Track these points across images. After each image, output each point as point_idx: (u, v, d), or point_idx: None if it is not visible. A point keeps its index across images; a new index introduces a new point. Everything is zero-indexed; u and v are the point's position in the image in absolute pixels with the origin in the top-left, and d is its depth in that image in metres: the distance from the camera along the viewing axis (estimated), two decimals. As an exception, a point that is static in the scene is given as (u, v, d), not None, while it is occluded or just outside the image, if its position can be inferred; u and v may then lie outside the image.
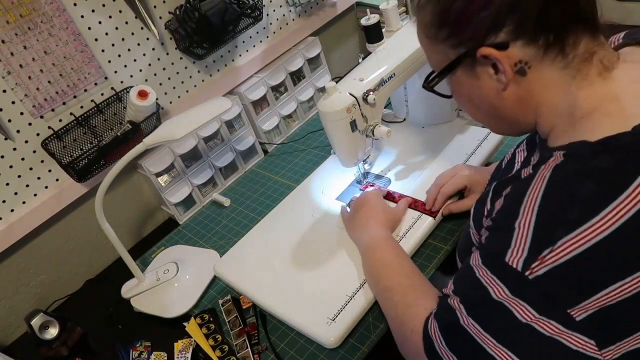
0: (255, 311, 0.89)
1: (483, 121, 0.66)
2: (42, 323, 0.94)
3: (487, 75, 0.56)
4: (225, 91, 1.29)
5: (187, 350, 0.85)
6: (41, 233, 1.07)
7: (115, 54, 1.07)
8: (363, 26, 1.01)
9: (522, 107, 0.57)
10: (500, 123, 0.63)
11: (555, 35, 0.52)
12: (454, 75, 0.60)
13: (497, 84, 0.56)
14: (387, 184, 1.03)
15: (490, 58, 0.54)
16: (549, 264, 0.46)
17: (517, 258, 0.48)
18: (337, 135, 0.92)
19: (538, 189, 0.48)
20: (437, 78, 0.62)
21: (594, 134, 0.48)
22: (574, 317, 0.46)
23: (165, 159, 1.14)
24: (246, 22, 1.19)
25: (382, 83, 0.91)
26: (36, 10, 0.93)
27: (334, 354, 0.78)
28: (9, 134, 0.96)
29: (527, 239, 0.47)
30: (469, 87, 0.60)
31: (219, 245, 1.09)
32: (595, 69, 0.53)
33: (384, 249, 0.81)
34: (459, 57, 0.57)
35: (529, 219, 0.48)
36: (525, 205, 0.48)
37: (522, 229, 0.48)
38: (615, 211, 0.44)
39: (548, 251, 0.46)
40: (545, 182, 0.48)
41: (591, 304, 0.45)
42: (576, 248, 0.44)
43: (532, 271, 0.47)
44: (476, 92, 0.59)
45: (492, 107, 0.59)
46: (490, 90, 0.57)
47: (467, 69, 0.58)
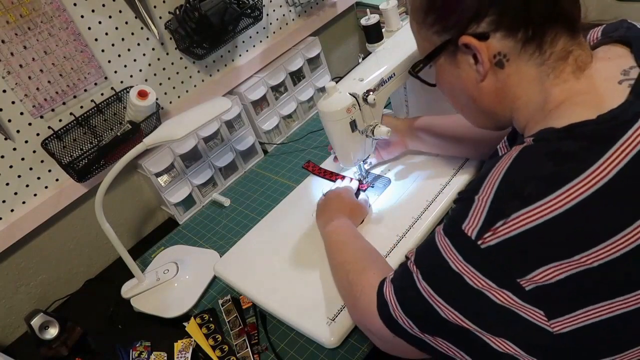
0: (255, 311, 0.89)
1: (463, 112, 0.68)
2: (42, 323, 0.94)
3: (467, 65, 0.58)
4: (225, 91, 1.29)
5: (187, 350, 0.85)
6: (41, 233, 1.07)
7: (115, 54, 1.07)
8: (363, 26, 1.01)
9: (499, 99, 0.59)
10: (478, 115, 0.66)
11: (534, 30, 0.54)
12: (438, 63, 0.62)
13: (476, 74, 0.58)
14: (387, 184, 1.03)
15: (470, 47, 0.56)
16: (500, 235, 0.47)
17: (472, 227, 0.50)
18: (337, 135, 0.92)
19: (503, 166, 0.50)
20: (422, 64, 0.64)
21: (560, 121, 0.51)
22: (524, 286, 0.47)
23: (165, 159, 1.14)
24: (246, 22, 1.19)
25: (382, 83, 0.91)
26: (36, 10, 0.93)
27: (334, 354, 0.78)
28: (9, 134, 0.96)
29: (483, 211, 0.49)
30: (450, 75, 0.62)
31: (219, 245, 1.09)
32: (570, 68, 0.55)
33: (341, 232, 0.85)
34: (443, 44, 0.59)
35: (488, 192, 0.50)
36: (488, 181, 0.51)
37: (481, 200, 0.50)
38: (571, 191, 0.45)
39: (501, 223, 0.47)
40: (511, 160, 0.50)
41: (540, 275, 0.47)
42: (528, 222, 0.46)
43: (485, 241, 0.48)
44: (457, 82, 0.62)
45: (470, 97, 0.62)
46: (469, 81, 0.60)
47: (450, 56, 0.60)
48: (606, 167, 0.45)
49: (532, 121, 0.57)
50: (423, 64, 0.64)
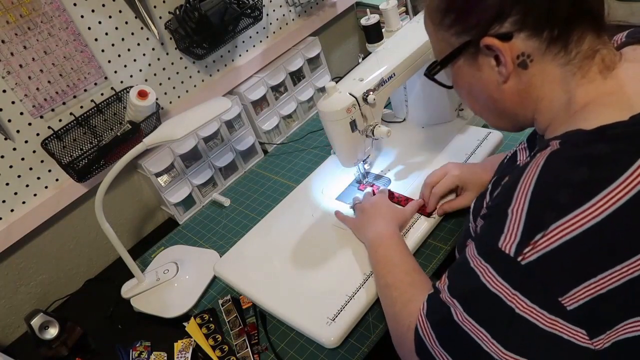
0: (255, 311, 0.89)
1: (482, 114, 0.65)
2: (42, 323, 0.94)
3: (489, 67, 0.56)
4: (225, 91, 1.29)
5: (187, 350, 0.85)
6: (41, 233, 1.07)
7: (115, 54, 1.07)
8: (363, 26, 1.01)
9: (521, 101, 0.57)
10: (498, 117, 0.63)
11: (560, 30, 0.52)
12: (456, 65, 0.60)
13: (497, 76, 0.56)
14: (387, 184, 1.03)
15: (492, 49, 0.53)
16: (541, 249, 0.45)
17: (510, 243, 0.47)
18: (337, 135, 0.92)
19: (532, 174, 0.48)
20: (439, 66, 0.61)
21: (588, 123, 0.48)
22: (566, 306, 0.45)
23: (165, 159, 1.14)
24: (246, 22, 1.19)
25: (382, 83, 0.91)
26: (36, 10, 0.93)
27: (333, 354, 0.78)
28: (9, 134, 0.96)
29: (519, 224, 0.47)
30: (470, 77, 0.59)
31: (219, 245, 1.09)
32: (597, 67, 0.53)
33: (387, 245, 0.80)
34: (462, 46, 0.56)
35: (522, 204, 0.47)
36: (519, 191, 0.48)
37: (515, 214, 0.47)
38: (609, 197, 0.43)
39: (540, 236, 0.45)
40: (539, 168, 0.47)
41: (582, 291, 0.44)
42: (568, 233, 0.44)
43: (525, 257, 0.46)
44: (476, 84, 0.59)
45: (491, 99, 0.59)
46: (490, 82, 0.57)
47: (469, 58, 0.57)
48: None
49: (555, 122, 0.55)
50: (440, 66, 0.61)
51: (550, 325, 0.46)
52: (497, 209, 0.51)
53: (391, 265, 0.76)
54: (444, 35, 0.58)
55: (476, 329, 0.50)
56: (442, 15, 0.57)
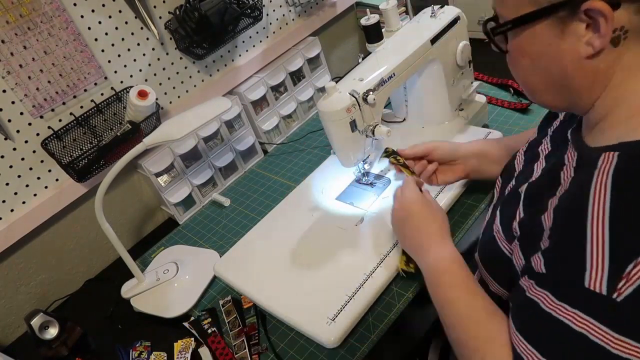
0: (256, 311, 0.89)
1: (535, 88, 0.56)
2: (42, 323, 0.94)
3: (576, 36, 0.48)
4: (225, 91, 1.29)
5: (187, 350, 0.85)
6: (41, 233, 1.07)
7: (115, 54, 1.07)
8: (363, 26, 1.01)
9: (594, 81, 0.50)
10: (557, 93, 0.54)
11: None
12: (532, 28, 0.51)
13: (583, 48, 0.48)
14: (386, 184, 1.03)
15: (592, 15, 0.46)
16: (636, 279, 0.40)
17: (599, 280, 0.41)
18: (337, 135, 0.91)
19: (602, 197, 0.42)
20: (511, 25, 0.52)
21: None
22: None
23: (165, 159, 1.14)
24: (246, 22, 1.19)
25: (382, 83, 0.91)
26: (36, 10, 0.93)
27: (333, 353, 0.78)
28: (8, 134, 0.96)
29: (604, 256, 0.41)
30: (546, 45, 0.51)
31: (219, 245, 1.09)
32: None
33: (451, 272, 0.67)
34: (554, 5, 0.48)
35: (601, 232, 0.42)
36: (593, 218, 0.42)
37: (595, 245, 0.42)
38: None
39: (632, 265, 0.40)
40: (610, 188, 0.42)
41: None
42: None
43: (620, 292, 0.40)
44: (551, 53, 0.51)
45: (562, 73, 0.51)
46: (570, 54, 0.49)
47: (556, 22, 0.49)
48: None
49: (612, 117, 0.50)
50: (512, 24, 0.51)
51: None
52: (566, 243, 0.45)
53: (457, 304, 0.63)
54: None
55: None
56: None
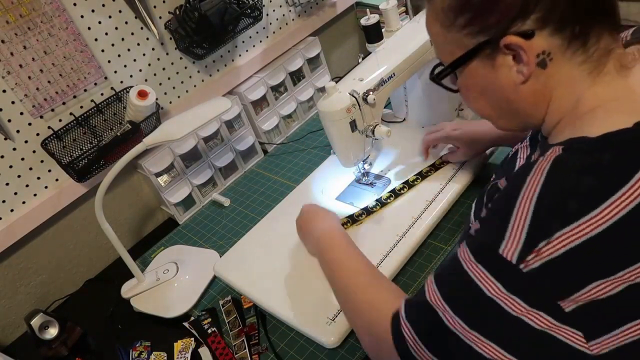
0: (256, 311, 0.88)
1: (490, 116, 0.62)
2: (42, 323, 0.94)
3: (506, 67, 0.54)
4: (225, 91, 1.29)
5: (187, 350, 0.85)
6: (41, 233, 1.07)
7: (115, 54, 1.07)
8: (363, 26, 1.01)
9: (536, 101, 0.55)
10: (510, 118, 0.60)
11: (581, 27, 0.50)
12: (468, 67, 0.57)
13: (515, 76, 0.54)
14: (386, 184, 1.03)
15: (512, 48, 0.51)
16: (544, 256, 0.45)
17: (512, 250, 0.46)
18: (337, 135, 0.92)
19: (536, 181, 0.47)
20: (450, 69, 0.58)
21: (593, 129, 0.48)
22: (564, 308, 0.45)
23: (165, 159, 1.14)
24: (246, 22, 1.19)
25: (382, 83, 0.91)
26: (36, 10, 0.93)
27: (333, 354, 0.78)
28: (8, 134, 0.96)
29: (522, 231, 0.46)
30: (484, 79, 0.57)
31: (219, 245, 1.09)
32: (612, 66, 0.52)
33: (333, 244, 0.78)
34: (479, 46, 0.54)
35: (526, 210, 0.46)
36: (523, 197, 0.47)
37: (518, 220, 0.47)
38: (614, 206, 0.43)
39: (544, 243, 0.45)
40: (545, 175, 0.47)
41: (582, 296, 0.45)
42: (572, 241, 0.44)
43: (527, 264, 0.45)
44: (490, 85, 0.57)
45: (505, 101, 0.57)
46: (506, 83, 0.55)
47: (485, 59, 0.55)
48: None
49: (561, 124, 0.54)
50: (451, 68, 0.58)
51: (548, 328, 0.46)
52: (497, 213, 0.50)
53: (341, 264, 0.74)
54: (455, 36, 0.55)
55: (469, 332, 0.50)
56: (455, 15, 0.54)
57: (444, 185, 0.97)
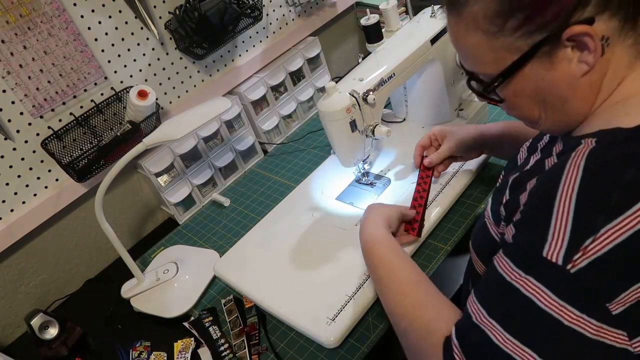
0: (257, 311, 0.88)
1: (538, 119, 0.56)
2: (42, 323, 0.94)
3: (566, 61, 0.50)
4: (225, 91, 1.29)
5: (187, 350, 0.85)
6: (41, 233, 1.07)
7: (115, 54, 1.07)
8: (363, 26, 1.01)
9: (590, 94, 0.52)
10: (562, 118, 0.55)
11: (634, 7, 0.48)
12: (521, 72, 0.52)
13: (576, 69, 0.50)
14: (386, 184, 1.03)
15: (575, 38, 0.48)
16: (592, 254, 0.43)
17: (557, 251, 0.44)
18: (337, 135, 0.92)
19: (574, 177, 0.45)
20: (501, 78, 0.53)
21: (628, 120, 0.46)
22: (612, 311, 0.43)
23: (165, 159, 1.14)
24: (246, 22, 1.19)
25: (382, 83, 0.91)
26: (36, 10, 0.93)
27: (333, 354, 0.78)
28: (8, 134, 0.96)
29: (566, 230, 0.44)
30: (539, 80, 0.52)
31: (219, 245, 1.09)
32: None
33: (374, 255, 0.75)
34: (537, 45, 0.49)
35: (567, 207, 0.44)
36: (562, 194, 0.45)
37: (559, 219, 0.44)
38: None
39: (590, 240, 0.43)
40: (582, 170, 0.45)
41: (630, 295, 0.43)
42: (620, 235, 0.42)
43: (575, 264, 0.43)
44: (547, 85, 0.52)
45: (561, 99, 0.53)
46: (565, 79, 0.51)
47: (543, 58, 0.50)
48: None
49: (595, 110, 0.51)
50: (503, 77, 0.53)
51: (597, 333, 0.44)
52: (535, 214, 0.48)
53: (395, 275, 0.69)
54: (504, 41, 0.51)
55: (520, 350, 0.46)
56: (505, 19, 0.50)
57: (444, 185, 0.97)
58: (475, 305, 0.51)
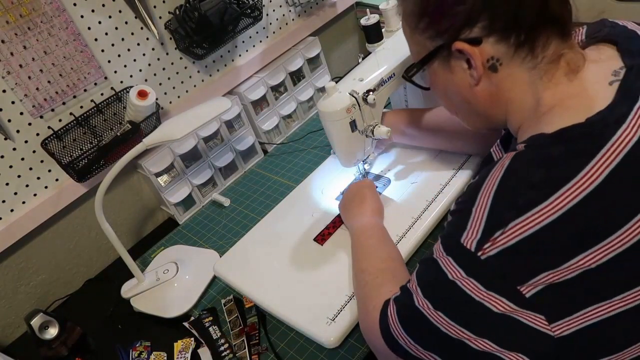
0: (257, 311, 0.88)
1: (457, 114, 0.69)
2: (41, 323, 0.94)
3: (461, 70, 0.59)
4: (225, 91, 1.29)
5: (187, 350, 0.85)
6: (41, 233, 1.07)
7: (115, 54, 1.07)
8: (363, 26, 1.01)
9: (493, 102, 0.60)
10: (473, 117, 0.67)
11: (526, 34, 0.54)
12: (431, 67, 0.63)
13: (469, 79, 0.59)
14: (387, 184, 1.03)
15: (464, 52, 0.56)
16: (499, 245, 0.48)
17: (471, 239, 0.50)
18: (337, 135, 0.92)
19: (496, 176, 0.51)
20: (415, 68, 0.65)
21: (551, 126, 0.51)
22: (524, 293, 0.48)
23: (165, 159, 1.14)
24: (246, 22, 1.19)
25: (382, 83, 0.91)
26: (36, 10, 0.93)
27: (333, 354, 0.78)
28: (8, 134, 0.96)
29: (481, 222, 0.50)
30: (444, 80, 0.63)
31: (219, 245, 1.09)
32: (562, 71, 0.55)
33: (369, 234, 0.83)
34: (436, 49, 0.60)
35: (485, 203, 0.50)
36: (483, 191, 0.51)
37: (477, 212, 0.51)
38: (563, 197, 0.46)
39: (499, 233, 0.48)
40: (503, 169, 0.51)
41: (538, 282, 0.47)
42: (525, 231, 0.47)
43: (484, 252, 0.49)
44: (450, 86, 0.63)
45: (465, 101, 0.63)
46: (463, 85, 0.60)
47: (443, 61, 0.61)
48: (597, 169, 0.46)
49: (525, 124, 0.58)
50: (416, 68, 0.65)
51: (508, 310, 0.49)
52: (462, 206, 0.54)
53: (369, 252, 0.79)
54: (419, 38, 0.62)
55: (435, 314, 0.53)
56: (417, 19, 0.60)
57: (444, 185, 0.96)
58: (413, 274, 0.60)
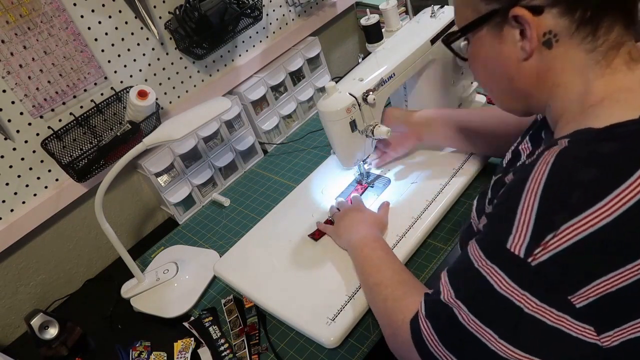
0: (257, 311, 0.88)
1: (492, 92, 0.63)
2: (41, 323, 0.94)
3: (512, 40, 0.54)
4: (225, 91, 1.29)
5: (187, 350, 0.85)
6: (41, 233, 1.07)
7: (115, 54, 1.07)
8: (363, 26, 1.01)
9: (538, 83, 0.55)
10: (510, 96, 0.61)
11: (592, 12, 0.50)
12: (478, 34, 0.57)
13: (519, 52, 0.54)
14: (387, 184, 1.03)
15: (520, 21, 0.51)
16: (551, 249, 0.44)
17: (519, 244, 0.46)
18: (337, 135, 0.92)
19: (541, 173, 0.46)
20: (460, 33, 0.59)
21: (599, 121, 0.47)
22: (574, 304, 0.45)
23: (165, 159, 1.14)
24: (246, 22, 1.19)
25: (382, 83, 0.91)
26: (36, 10, 0.93)
27: (333, 354, 0.78)
28: (8, 134, 0.96)
29: (529, 225, 0.46)
30: (490, 50, 0.57)
31: (219, 245, 1.09)
32: (622, 59, 0.51)
33: (372, 247, 0.80)
34: (490, 13, 0.54)
35: (531, 204, 0.46)
36: (528, 190, 0.47)
37: (524, 214, 0.46)
38: (619, 198, 0.43)
39: (551, 236, 0.44)
40: (549, 167, 0.46)
41: (591, 290, 0.44)
42: (579, 233, 0.43)
43: (535, 257, 0.45)
44: (495, 57, 0.57)
45: (507, 76, 0.57)
46: (510, 57, 0.55)
47: (494, 28, 0.55)
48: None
49: (567, 115, 0.53)
50: (461, 33, 0.59)
51: (558, 323, 0.46)
52: (503, 208, 0.50)
53: (379, 264, 0.76)
54: (473, 0, 0.56)
55: (483, 330, 0.50)
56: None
57: (444, 185, 0.96)
58: (446, 285, 0.55)
